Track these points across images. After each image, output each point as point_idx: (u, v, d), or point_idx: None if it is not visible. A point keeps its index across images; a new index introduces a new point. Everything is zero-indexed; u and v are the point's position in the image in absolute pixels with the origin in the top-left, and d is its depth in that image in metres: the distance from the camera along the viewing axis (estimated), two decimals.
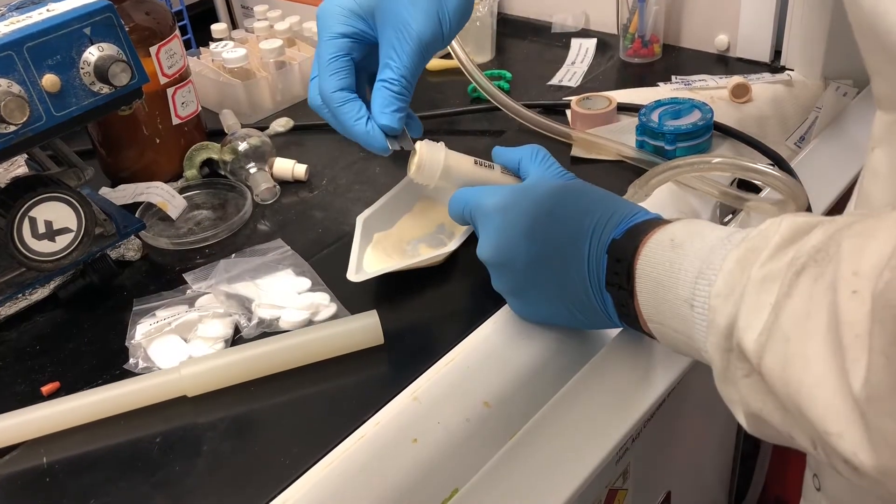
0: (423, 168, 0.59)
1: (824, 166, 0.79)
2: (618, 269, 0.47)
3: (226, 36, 1.03)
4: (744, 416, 0.39)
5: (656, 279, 0.44)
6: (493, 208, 0.54)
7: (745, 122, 0.81)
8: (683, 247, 0.43)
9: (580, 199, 0.52)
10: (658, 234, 0.46)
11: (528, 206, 0.53)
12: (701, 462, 0.97)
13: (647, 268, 0.45)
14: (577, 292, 0.51)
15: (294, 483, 0.49)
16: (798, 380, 0.33)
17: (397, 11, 0.57)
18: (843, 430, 0.31)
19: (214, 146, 0.83)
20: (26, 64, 0.56)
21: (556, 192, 0.53)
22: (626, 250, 0.47)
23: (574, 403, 0.55)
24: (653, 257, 0.45)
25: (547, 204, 0.52)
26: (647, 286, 0.45)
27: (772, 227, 0.38)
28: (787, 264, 0.36)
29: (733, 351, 0.38)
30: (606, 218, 0.49)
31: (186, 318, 0.61)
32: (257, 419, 0.55)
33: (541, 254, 0.52)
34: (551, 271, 0.51)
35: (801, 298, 0.34)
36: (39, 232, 0.61)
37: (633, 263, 0.46)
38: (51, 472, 0.52)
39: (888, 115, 0.43)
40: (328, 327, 0.58)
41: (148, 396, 0.55)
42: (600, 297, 0.49)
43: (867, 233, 0.33)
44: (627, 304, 0.47)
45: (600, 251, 0.48)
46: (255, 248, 0.70)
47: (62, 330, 0.65)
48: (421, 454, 0.51)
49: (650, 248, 0.45)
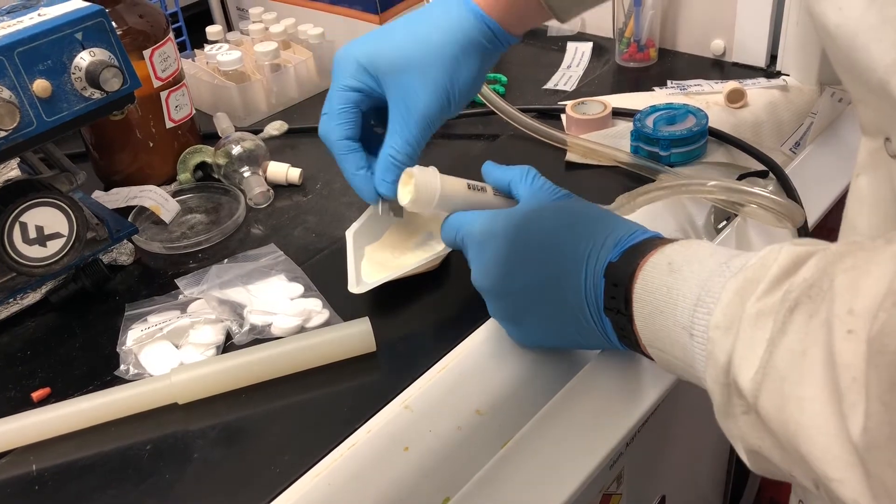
0: (418, 199, 0.56)
1: (819, 172, 0.79)
2: (615, 294, 0.46)
3: (221, 38, 1.03)
4: (745, 452, 0.38)
5: (654, 305, 0.43)
6: (486, 235, 0.53)
7: (740, 127, 0.81)
8: (682, 271, 0.42)
9: (575, 224, 0.51)
10: (655, 258, 0.45)
11: (521, 233, 0.52)
12: (695, 466, 0.97)
13: (644, 293, 0.44)
14: (576, 317, 0.50)
15: (285, 491, 0.49)
16: (795, 421, 0.33)
17: (406, 84, 0.57)
18: (844, 476, 0.31)
19: (208, 149, 0.83)
20: (17, 69, 0.56)
21: (549, 217, 0.52)
22: (623, 274, 0.46)
23: (567, 410, 0.55)
24: (650, 282, 0.44)
25: (541, 230, 0.51)
26: (644, 312, 0.44)
27: (770, 255, 0.37)
28: (780, 299, 0.35)
29: (731, 386, 0.37)
30: (602, 240, 0.48)
31: (178, 324, 0.61)
32: (248, 427, 0.55)
33: (536, 281, 0.51)
34: (548, 298, 0.51)
35: (796, 336, 0.33)
36: (30, 237, 0.61)
37: (631, 287, 0.45)
38: (40, 479, 0.52)
39: (873, 142, 0.43)
40: (320, 334, 0.58)
41: (138, 403, 0.55)
42: (599, 322, 0.48)
43: (860, 267, 0.32)
44: (626, 328, 0.46)
45: (597, 275, 0.47)
46: (248, 254, 0.70)
47: (54, 335, 0.65)
48: (412, 462, 0.50)
49: (647, 272, 0.44)
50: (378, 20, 0.95)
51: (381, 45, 0.58)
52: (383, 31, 0.60)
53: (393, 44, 0.58)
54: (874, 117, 0.42)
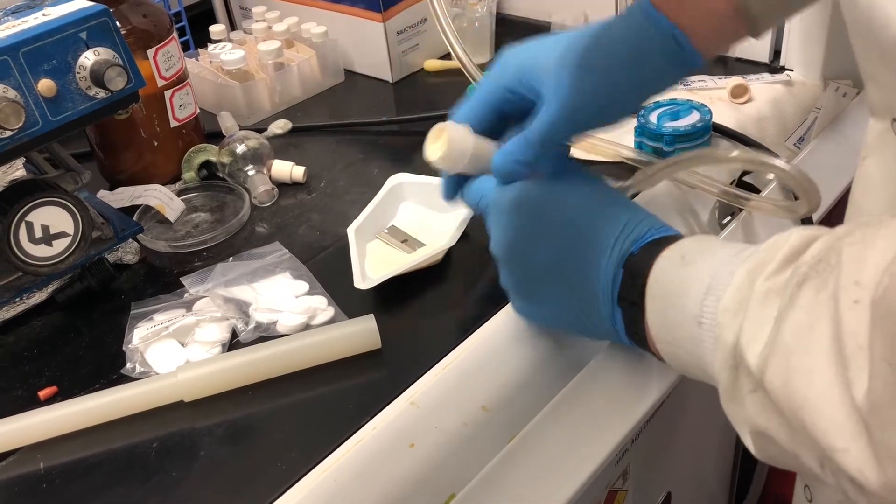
0: (448, 156, 0.53)
1: (824, 167, 0.78)
2: (631, 286, 0.46)
3: (224, 37, 1.03)
4: (750, 435, 0.38)
5: (666, 297, 0.43)
6: (513, 204, 0.52)
7: (744, 122, 0.81)
8: (694, 263, 0.42)
9: (603, 209, 0.50)
10: (669, 251, 0.45)
11: (548, 206, 0.51)
12: (701, 462, 0.96)
13: (657, 286, 0.44)
14: (588, 302, 0.49)
15: (291, 488, 0.49)
16: (802, 395, 0.33)
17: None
18: (848, 445, 0.31)
19: (212, 148, 0.83)
20: (22, 69, 0.56)
21: (578, 196, 0.51)
22: (641, 266, 0.46)
23: (573, 406, 0.55)
24: (663, 274, 0.44)
25: (569, 207, 0.51)
26: (656, 305, 0.44)
27: (780, 239, 0.38)
28: (788, 276, 0.35)
29: (739, 367, 0.37)
30: (629, 231, 0.48)
31: (184, 322, 0.61)
32: (254, 424, 0.55)
33: (555, 258, 0.50)
34: (565, 276, 0.50)
35: (803, 310, 0.34)
36: (36, 236, 0.61)
37: (646, 283, 0.45)
38: (48, 477, 0.52)
39: (881, 123, 0.43)
40: (325, 331, 0.58)
41: (145, 401, 0.55)
42: (610, 311, 0.48)
43: (867, 241, 0.32)
44: (637, 321, 0.46)
45: (616, 265, 0.47)
46: (253, 252, 0.70)
47: (60, 334, 0.65)
48: (418, 459, 0.51)
49: (661, 264, 0.44)
50: (381, 18, 0.95)
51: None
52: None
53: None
54: (884, 96, 0.42)
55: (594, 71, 0.48)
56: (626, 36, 0.49)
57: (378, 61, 1.00)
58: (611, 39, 0.49)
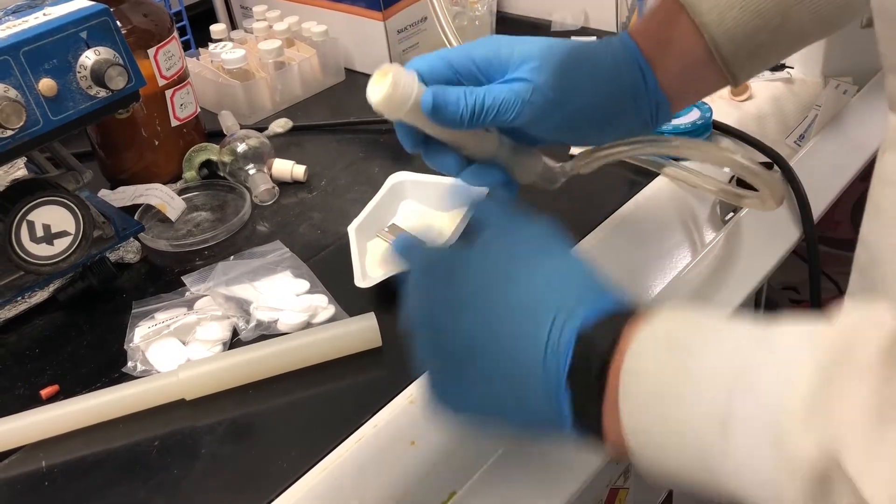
0: (392, 96, 0.49)
1: (824, 164, 0.78)
2: (586, 365, 0.38)
3: (225, 36, 1.03)
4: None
5: (654, 388, 0.36)
6: (435, 266, 0.46)
7: (744, 120, 0.81)
8: (691, 348, 0.35)
9: (540, 267, 0.42)
10: (648, 329, 0.37)
11: (475, 265, 0.44)
12: None
13: (639, 374, 0.36)
14: (524, 382, 0.40)
15: (292, 486, 0.49)
16: None
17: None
18: None
19: (213, 147, 0.83)
20: (23, 68, 0.56)
21: (514, 251, 0.44)
22: (601, 343, 0.37)
23: None
24: (647, 359, 0.36)
25: (500, 271, 0.43)
26: (635, 393, 0.36)
27: (862, 325, 0.30)
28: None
29: (830, 481, 0.29)
30: (573, 294, 0.40)
31: (185, 320, 0.61)
32: (255, 422, 0.55)
33: (483, 329, 0.42)
34: (495, 350, 0.41)
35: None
36: (38, 236, 0.62)
37: (610, 362, 0.37)
38: (50, 475, 0.52)
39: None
40: (326, 330, 0.58)
41: (146, 400, 0.55)
42: (555, 393, 0.39)
43: None
44: (589, 406, 0.38)
45: (564, 337, 0.38)
46: (254, 251, 0.70)
47: (61, 333, 0.65)
48: (419, 456, 0.51)
49: (641, 345, 0.36)
50: (381, 17, 0.95)
51: None
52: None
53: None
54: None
55: (560, 70, 0.49)
56: (600, 52, 0.51)
57: (378, 60, 1.00)
58: (588, 50, 0.51)
